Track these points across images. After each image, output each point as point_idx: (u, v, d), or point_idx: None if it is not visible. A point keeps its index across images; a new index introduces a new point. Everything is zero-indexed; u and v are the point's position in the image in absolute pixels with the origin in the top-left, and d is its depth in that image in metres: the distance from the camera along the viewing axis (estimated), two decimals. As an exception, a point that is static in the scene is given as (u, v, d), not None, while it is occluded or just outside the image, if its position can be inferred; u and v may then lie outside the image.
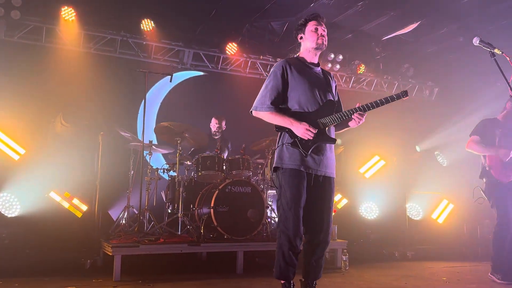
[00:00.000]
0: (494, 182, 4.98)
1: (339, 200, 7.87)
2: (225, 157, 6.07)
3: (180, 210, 5.49)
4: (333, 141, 3.40)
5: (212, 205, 5.29)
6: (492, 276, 4.96)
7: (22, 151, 6.25)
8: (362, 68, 8.34)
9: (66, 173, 6.25)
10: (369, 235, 7.75)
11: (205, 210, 5.49)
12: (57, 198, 6.07)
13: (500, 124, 5.14)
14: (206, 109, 7.39)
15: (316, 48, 3.44)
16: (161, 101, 7.66)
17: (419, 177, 8.43)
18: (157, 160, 7.22)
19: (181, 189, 5.60)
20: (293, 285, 3.31)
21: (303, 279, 3.41)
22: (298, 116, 3.30)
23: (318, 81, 3.43)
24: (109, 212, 6.51)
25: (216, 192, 5.36)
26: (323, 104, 3.36)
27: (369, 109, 3.29)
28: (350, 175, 8.35)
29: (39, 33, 6.51)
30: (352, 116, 3.30)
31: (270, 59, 8.01)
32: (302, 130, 3.22)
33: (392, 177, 8.39)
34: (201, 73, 7.93)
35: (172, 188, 5.91)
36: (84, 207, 6.20)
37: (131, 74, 5.55)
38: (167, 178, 6.19)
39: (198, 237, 5.17)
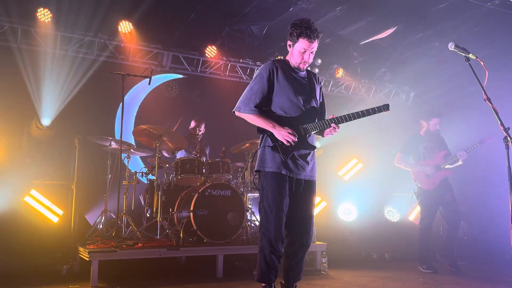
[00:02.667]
0: (420, 190, 5.91)
1: (318, 203, 7.92)
2: (204, 160, 6.05)
3: (159, 214, 5.44)
4: (313, 147, 3.43)
5: (191, 208, 5.26)
6: (420, 267, 5.77)
7: (-5, 154, 6.10)
8: (340, 72, 8.43)
9: (42, 177, 6.12)
10: (347, 237, 7.81)
11: (184, 214, 5.46)
12: (32, 202, 5.93)
13: (423, 139, 6.03)
14: (185, 112, 7.35)
15: (297, 68, 3.46)
16: (139, 104, 7.60)
17: (396, 180, 8.55)
18: (136, 163, 7.15)
19: (160, 193, 5.55)
20: None
21: (283, 282, 3.43)
22: (281, 120, 3.31)
23: (302, 87, 3.44)
24: (86, 216, 6.40)
25: (196, 195, 5.33)
26: (306, 110, 3.38)
27: (350, 120, 3.32)
28: (329, 178, 8.42)
29: (14, 34, 6.36)
30: (325, 130, 3.36)
31: (250, 63, 8.02)
32: (283, 134, 3.23)
33: (370, 179, 8.50)
34: (181, 76, 7.89)
35: (151, 192, 5.85)
36: (60, 212, 6.07)
37: (109, 76, 5.47)
38: (145, 181, 6.12)
39: (177, 241, 5.13)
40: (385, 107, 3.32)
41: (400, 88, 9.37)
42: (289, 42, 3.43)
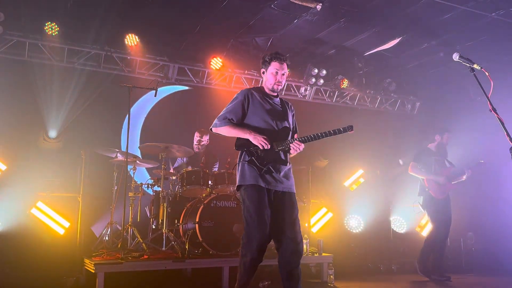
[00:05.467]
0: (431, 199, 6.08)
1: (325, 214, 7.87)
2: (212, 172, 6.04)
3: (164, 226, 5.43)
4: (285, 162, 3.67)
5: (197, 220, 5.25)
6: (432, 276, 5.90)
7: (3, 167, 6.14)
8: (345, 83, 8.43)
9: (48, 189, 6.14)
10: (354, 248, 7.75)
11: (190, 225, 5.45)
12: (39, 214, 5.95)
13: (433, 153, 6.30)
14: (191, 124, 7.37)
15: (272, 90, 3.76)
16: (145, 116, 7.63)
17: (403, 190, 8.50)
18: (141, 175, 7.15)
19: (165, 204, 5.54)
20: None
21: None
22: (258, 131, 3.58)
23: (275, 111, 3.74)
24: (92, 228, 6.40)
25: (201, 207, 5.32)
26: (278, 130, 3.65)
27: (314, 139, 3.56)
28: (335, 189, 8.38)
29: (22, 47, 6.45)
30: (290, 145, 3.58)
31: (255, 74, 8.05)
32: (259, 139, 3.49)
33: (376, 190, 8.45)
34: (186, 88, 7.93)
35: (157, 203, 5.85)
36: (67, 224, 6.09)
37: (115, 88, 5.52)
38: (151, 193, 6.12)
39: (183, 253, 5.11)
40: (349, 128, 3.51)
41: (405, 98, 9.36)
42: (262, 70, 3.82)
